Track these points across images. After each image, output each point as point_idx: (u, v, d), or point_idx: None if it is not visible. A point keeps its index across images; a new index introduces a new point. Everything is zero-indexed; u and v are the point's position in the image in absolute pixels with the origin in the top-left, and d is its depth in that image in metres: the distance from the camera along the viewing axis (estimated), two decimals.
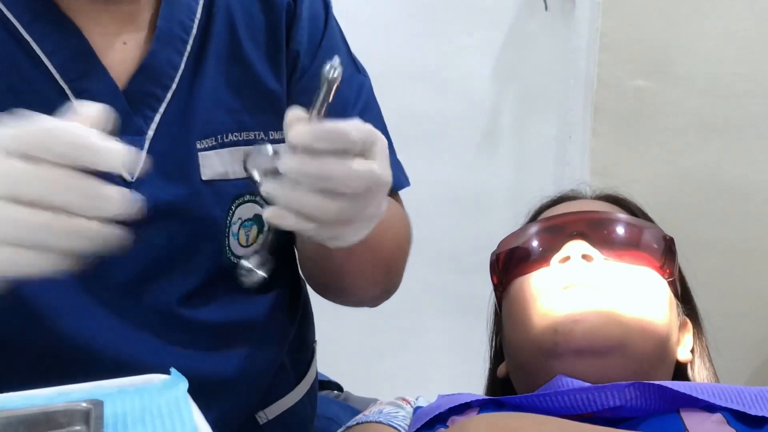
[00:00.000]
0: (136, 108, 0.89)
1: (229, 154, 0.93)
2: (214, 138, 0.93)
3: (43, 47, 0.86)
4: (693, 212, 1.98)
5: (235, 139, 0.94)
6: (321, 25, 1.00)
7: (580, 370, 0.86)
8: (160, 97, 0.90)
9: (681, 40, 1.93)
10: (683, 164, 1.99)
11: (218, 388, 0.94)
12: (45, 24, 0.86)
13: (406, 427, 0.92)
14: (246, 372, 0.98)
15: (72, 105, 0.67)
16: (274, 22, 0.96)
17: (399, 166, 1.06)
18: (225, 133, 0.93)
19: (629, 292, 0.91)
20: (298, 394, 1.08)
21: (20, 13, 0.85)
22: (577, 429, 0.74)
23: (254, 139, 0.95)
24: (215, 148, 0.93)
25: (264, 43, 0.96)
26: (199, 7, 0.92)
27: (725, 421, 0.78)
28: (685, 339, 0.99)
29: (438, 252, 2.25)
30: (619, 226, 0.98)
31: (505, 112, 2.24)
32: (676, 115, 1.97)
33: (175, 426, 0.69)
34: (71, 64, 0.86)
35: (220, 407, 0.94)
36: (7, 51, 0.85)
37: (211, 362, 0.94)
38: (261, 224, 0.96)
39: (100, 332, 0.90)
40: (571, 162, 2.14)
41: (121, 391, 0.74)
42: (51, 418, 0.67)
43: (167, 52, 0.90)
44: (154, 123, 0.89)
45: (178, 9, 0.91)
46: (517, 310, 0.95)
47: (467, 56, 2.20)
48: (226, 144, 0.93)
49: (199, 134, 0.92)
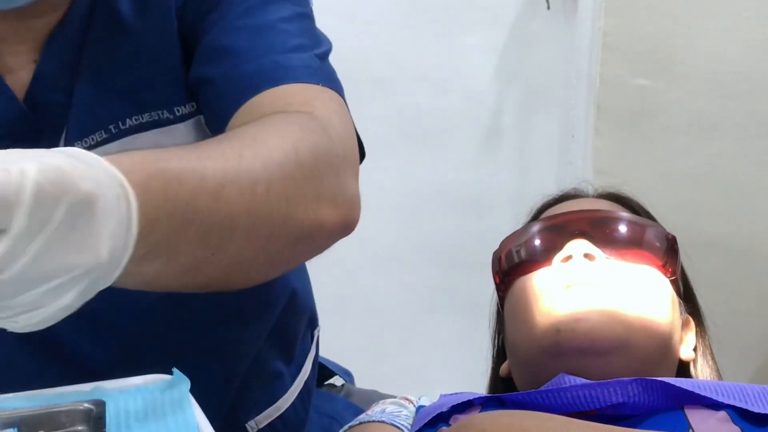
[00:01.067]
0: (43, 117, 0.85)
1: (119, 146, 0.85)
2: (104, 130, 0.86)
3: None
4: (695, 210, 1.98)
5: (135, 123, 0.86)
6: None
7: (583, 369, 0.86)
8: (65, 102, 0.85)
9: (683, 38, 1.92)
10: (686, 162, 1.99)
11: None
12: None
13: (409, 427, 0.92)
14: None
15: None
16: None
17: (316, 63, 0.85)
18: (122, 119, 0.86)
19: (631, 291, 0.91)
20: (289, 398, 1.06)
21: None
22: (581, 426, 0.74)
23: (159, 119, 0.85)
24: (107, 141, 0.86)
25: (152, 13, 0.85)
26: (86, 8, 0.85)
27: (729, 418, 0.78)
28: (687, 338, 0.99)
29: (440, 251, 2.26)
30: (622, 225, 0.97)
31: (507, 111, 2.24)
32: (679, 114, 1.97)
33: (177, 425, 0.69)
34: None
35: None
36: None
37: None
38: None
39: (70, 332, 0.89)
40: (573, 161, 2.14)
41: (123, 391, 0.74)
42: (53, 418, 0.68)
43: (59, 52, 0.85)
44: (65, 130, 0.85)
45: (70, 18, 0.85)
46: (519, 309, 0.95)
47: (470, 55, 2.20)
48: (124, 132, 0.86)
49: (77, 134, 0.84)
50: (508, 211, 1.19)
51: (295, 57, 0.82)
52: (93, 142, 0.85)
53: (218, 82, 0.82)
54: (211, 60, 0.84)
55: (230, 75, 0.81)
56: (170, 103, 0.87)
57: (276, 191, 0.67)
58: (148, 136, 0.85)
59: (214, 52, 0.84)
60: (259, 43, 0.82)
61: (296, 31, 0.85)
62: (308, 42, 0.86)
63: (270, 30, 0.84)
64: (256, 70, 0.80)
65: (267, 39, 0.83)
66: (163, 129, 0.86)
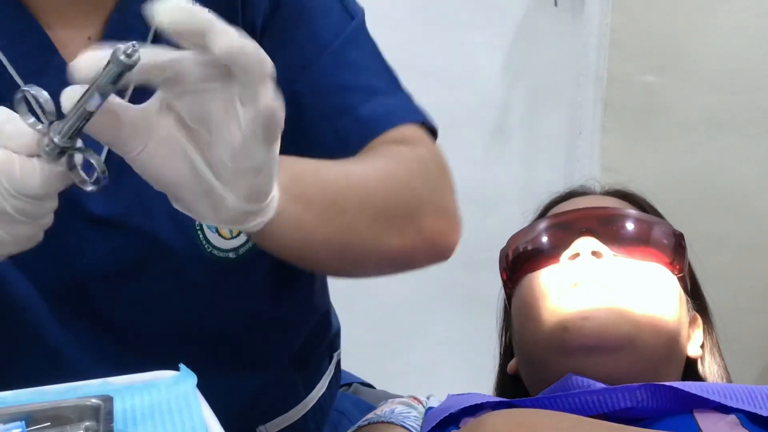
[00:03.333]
0: None
1: None
2: None
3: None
4: (703, 207, 1.98)
5: None
6: None
7: (590, 367, 0.86)
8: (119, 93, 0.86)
9: (691, 35, 1.92)
10: (693, 160, 1.98)
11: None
12: (2, 17, 0.82)
13: (418, 428, 0.91)
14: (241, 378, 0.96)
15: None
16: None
17: (411, 100, 0.95)
18: None
19: (639, 288, 0.91)
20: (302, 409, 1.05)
21: None
22: (593, 426, 0.73)
23: None
24: None
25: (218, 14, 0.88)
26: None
27: (739, 422, 0.78)
28: (695, 335, 0.99)
29: None
30: (629, 222, 0.97)
31: (514, 108, 2.24)
32: (687, 111, 1.96)
33: (184, 421, 0.69)
34: (27, 59, 0.83)
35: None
36: None
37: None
38: None
39: (77, 338, 0.90)
40: (581, 158, 2.13)
41: (130, 387, 0.74)
42: (61, 414, 0.68)
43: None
44: None
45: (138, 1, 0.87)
46: (526, 307, 0.95)
47: (477, 52, 2.20)
48: None
49: None
50: (515, 208, 1.19)
51: (392, 98, 0.92)
52: None
53: (319, 124, 0.88)
54: (307, 99, 0.87)
55: (336, 124, 0.88)
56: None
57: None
58: None
59: (311, 91, 0.88)
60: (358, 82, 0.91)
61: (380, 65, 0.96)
62: (388, 75, 0.95)
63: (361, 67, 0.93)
64: (362, 120, 0.88)
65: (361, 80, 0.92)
66: None
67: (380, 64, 0.96)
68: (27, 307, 0.88)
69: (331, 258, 0.82)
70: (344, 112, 0.88)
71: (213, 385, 0.74)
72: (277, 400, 1.03)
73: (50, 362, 0.89)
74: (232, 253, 0.90)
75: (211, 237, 0.89)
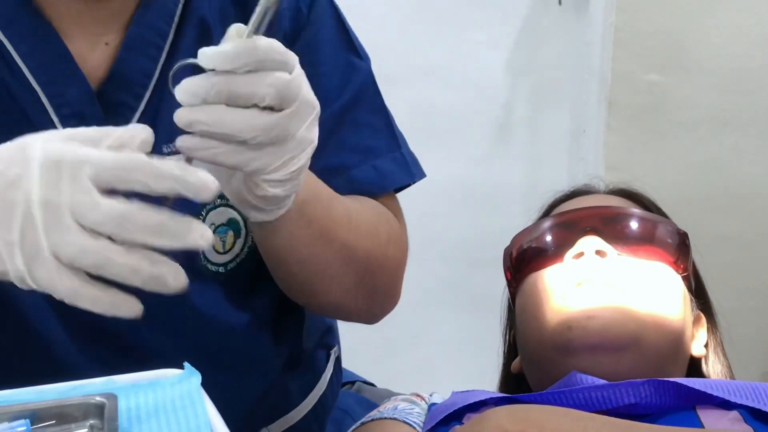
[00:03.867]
0: (109, 116, 0.87)
1: None
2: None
3: (18, 49, 0.84)
4: (707, 206, 1.97)
5: None
6: (304, 16, 0.96)
7: (595, 366, 0.86)
8: (133, 106, 0.88)
9: (695, 34, 1.92)
10: (697, 158, 1.98)
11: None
12: (21, 25, 0.85)
13: (421, 424, 0.91)
14: (234, 388, 0.96)
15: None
16: (247, 18, 0.92)
17: (405, 161, 1.01)
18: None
19: (643, 287, 0.91)
20: (303, 409, 1.06)
21: None
22: (596, 421, 0.73)
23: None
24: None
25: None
26: (178, 10, 0.89)
27: (741, 418, 0.78)
28: (699, 334, 0.98)
29: (451, 247, 2.25)
30: (633, 221, 0.97)
31: (518, 106, 2.24)
32: (691, 110, 1.96)
33: (188, 419, 0.69)
34: (46, 68, 0.85)
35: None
36: None
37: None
38: (237, 228, 0.93)
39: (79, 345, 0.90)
40: (585, 157, 2.13)
41: (134, 385, 0.75)
42: (65, 412, 0.68)
43: (139, 59, 0.88)
44: None
45: (156, 14, 0.88)
46: (530, 306, 0.95)
47: (481, 51, 2.20)
48: None
49: (166, 137, 0.87)
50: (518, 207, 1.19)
51: (388, 160, 0.99)
52: (174, 148, 0.87)
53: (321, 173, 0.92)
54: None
55: (330, 181, 0.92)
56: None
57: (387, 268, 0.96)
58: None
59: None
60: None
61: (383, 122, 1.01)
62: (388, 131, 1.01)
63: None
64: (360, 180, 0.96)
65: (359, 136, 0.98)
66: None
67: (382, 119, 1.01)
68: (31, 311, 0.89)
69: (298, 277, 0.91)
70: (338, 172, 0.94)
71: (214, 391, 0.75)
72: (276, 402, 1.03)
73: (50, 365, 0.89)
74: (222, 268, 0.94)
75: (206, 251, 0.92)
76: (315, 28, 0.96)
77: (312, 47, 0.95)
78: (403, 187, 1.02)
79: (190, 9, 0.90)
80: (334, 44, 0.98)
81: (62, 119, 0.85)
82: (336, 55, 0.98)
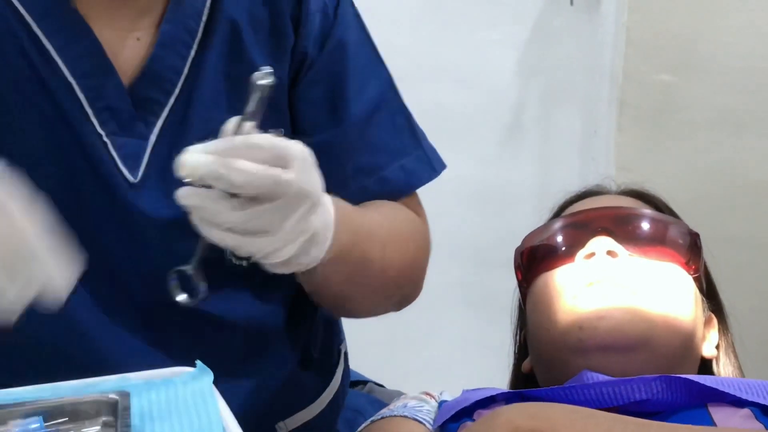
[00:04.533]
0: (139, 111, 0.89)
1: None
2: (213, 138, 0.93)
3: (53, 42, 0.86)
4: (719, 207, 1.97)
5: None
6: (331, 17, 0.99)
7: (605, 366, 0.86)
8: (163, 102, 0.90)
9: (707, 34, 1.91)
10: (709, 159, 1.98)
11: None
12: (56, 19, 0.86)
13: (430, 422, 0.92)
14: (255, 373, 0.97)
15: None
16: (277, 18, 0.95)
17: (427, 157, 1.05)
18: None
19: (654, 288, 0.91)
20: (320, 404, 1.07)
21: (32, 8, 0.86)
22: (607, 418, 0.74)
23: None
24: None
25: (266, 40, 0.95)
26: (206, 9, 0.92)
27: (753, 415, 0.78)
28: (710, 335, 0.98)
29: (461, 247, 2.25)
30: (644, 222, 0.97)
31: (529, 106, 2.24)
32: (702, 110, 1.96)
33: (200, 417, 0.70)
34: (80, 61, 0.87)
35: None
36: (18, 42, 0.86)
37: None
38: None
39: (110, 333, 0.91)
40: (596, 157, 2.13)
41: (147, 383, 0.75)
42: (79, 409, 0.68)
43: (171, 57, 0.90)
44: (156, 128, 0.90)
45: (185, 11, 0.91)
46: (541, 306, 0.95)
47: (492, 51, 2.19)
48: None
49: (199, 135, 0.88)
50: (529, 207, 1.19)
51: (414, 158, 1.03)
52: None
53: (345, 177, 0.98)
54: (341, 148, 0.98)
55: (363, 181, 0.99)
56: (264, 126, 0.92)
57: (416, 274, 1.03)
58: None
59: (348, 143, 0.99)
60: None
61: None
62: (411, 131, 1.05)
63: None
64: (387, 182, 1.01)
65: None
66: None
67: (403, 118, 1.04)
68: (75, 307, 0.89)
69: (332, 300, 0.99)
70: (370, 172, 0.99)
71: (233, 382, 0.79)
72: (292, 397, 1.03)
73: (90, 356, 0.90)
74: (245, 261, 0.94)
75: None
76: (341, 31, 0.99)
77: (340, 50, 0.98)
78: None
79: (219, 9, 0.92)
80: (358, 46, 1.01)
81: (96, 112, 0.87)
82: (361, 58, 1.01)
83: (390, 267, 0.96)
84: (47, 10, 0.86)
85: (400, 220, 1.00)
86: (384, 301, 1.01)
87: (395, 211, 1.01)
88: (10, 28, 0.86)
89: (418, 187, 1.05)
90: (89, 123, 0.87)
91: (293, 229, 0.75)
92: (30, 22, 0.86)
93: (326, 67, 0.98)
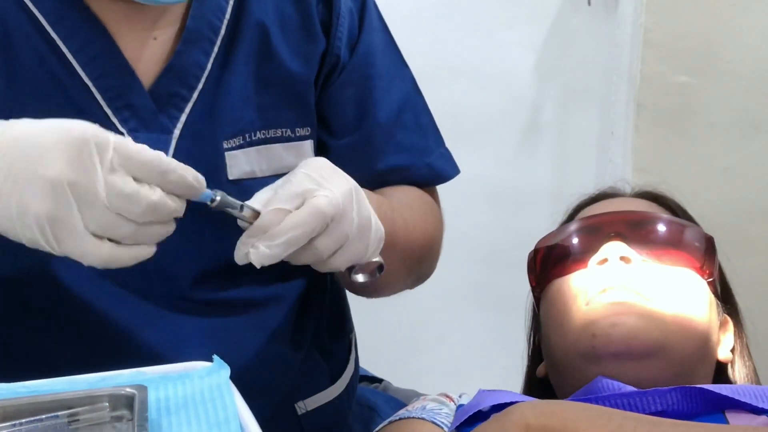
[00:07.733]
0: (162, 107, 0.90)
1: (256, 152, 0.95)
2: (242, 137, 0.94)
3: (69, 45, 0.87)
4: (736, 209, 1.96)
5: (263, 137, 0.95)
6: (357, 19, 1.01)
7: (619, 373, 0.86)
8: (186, 96, 0.91)
9: (725, 35, 1.90)
10: (726, 160, 1.97)
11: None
12: (71, 22, 0.87)
13: (448, 425, 0.91)
14: (268, 356, 0.98)
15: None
16: (306, 19, 0.97)
17: (449, 155, 1.09)
18: (253, 131, 0.95)
19: (668, 294, 0.90)
20: (338, 388, 1.08)
21: (47, 11, 0.87)
22: (618, 414, 0.73)
23: (281, 136, 0.96)
24: (242, 147, 0.94)
25: (296, 40, 0.96)
26: (229, 7, 0.93)
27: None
28: (725, 338, 0.98)
29: (477, 247, 2.25)
30: (658, 226, 0.96)
31: (546, 107, 2.23)
32: (720, 112, 1.95)
33: (217, 411, 0.70)
34: (96, 62, 0.88)
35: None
36: (34, 48, 0.87)
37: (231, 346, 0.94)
38: None
39: (131, 318, 0.92)
40: (613, 159, 2.12)
41: (164, 377, 0.76)
42: (96, 403, 0.69)
43: (194, 52, 0.91)
44: (180, 122, 0.91)
45: (208, 9, 0.92)
46: (554, 312, 0.95)
47: (509, 51, 2.19)
48: (253, 143, 0.95)
49: (227, 133, 0.93)
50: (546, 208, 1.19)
51: (437, 156, 1.08)
52: (234, 144, 0.94)
53: (377, 173, 1.03)
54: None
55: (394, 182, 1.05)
56: (293, 124, 0.97)
57: (433, 251, 1.08)
58: (274, 148, 0.96)
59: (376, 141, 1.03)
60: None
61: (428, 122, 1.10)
62: (433, 129, 1.10)
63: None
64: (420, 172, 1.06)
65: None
66: (285, 145, 0.97)
67: (427, 118, 1.09)
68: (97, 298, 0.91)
69: (373, 288, 1.01)
70: (399, 172, 1.04)
71: (253, 360, 0.86)
72: (311, 379, 1.05)
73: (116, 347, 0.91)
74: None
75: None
76: (368, 34, 1.01)
77: (368, 53, 1.01)
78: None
79: (246, 11, 0.94)
80: (384, 49, 1.04)
81: (115, 111, 0.89)
82: (387, 60, 1.04)
83: (414, 243, 1.00)
84: (61, 15, 0.87)
85: (417, 198, 1.04)
86: (405, 277, 1.04)
87: (411, 191, 1.05)
88: (28, 36, 0.87)
89: (444, 182, 1.09)
90: (110, 122, 0.88)
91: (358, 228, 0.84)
92: (46, 27, 0.87)
93: (356, 71, 1.00)
